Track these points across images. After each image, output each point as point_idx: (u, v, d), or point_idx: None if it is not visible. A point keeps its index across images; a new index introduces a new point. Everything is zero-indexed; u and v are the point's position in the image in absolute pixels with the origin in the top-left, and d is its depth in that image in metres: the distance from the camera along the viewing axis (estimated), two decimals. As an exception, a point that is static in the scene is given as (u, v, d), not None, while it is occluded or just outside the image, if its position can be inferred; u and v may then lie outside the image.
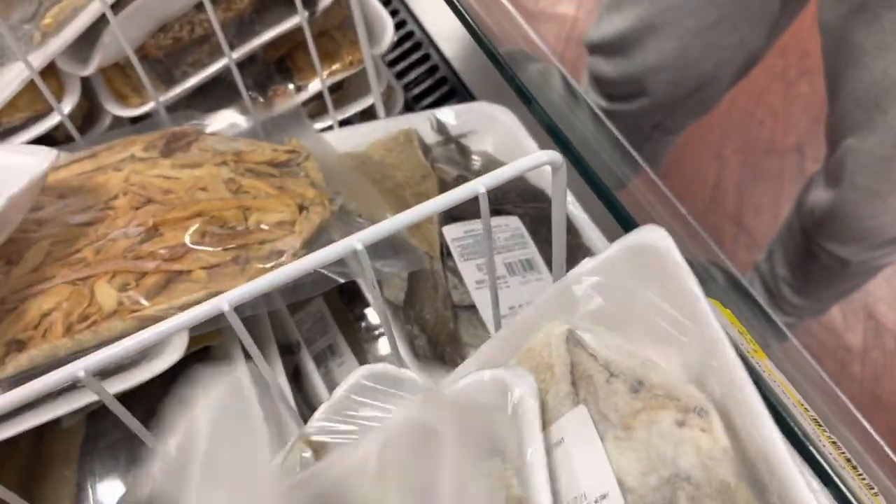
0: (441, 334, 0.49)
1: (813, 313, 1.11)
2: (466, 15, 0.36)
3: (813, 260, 0.92)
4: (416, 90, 0.70)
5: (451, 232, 0.52)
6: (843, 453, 0.26)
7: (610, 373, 0.29)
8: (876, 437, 0.44)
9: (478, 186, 0.30)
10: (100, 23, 0.48)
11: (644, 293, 0.29)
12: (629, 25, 0.82)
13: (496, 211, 0.55)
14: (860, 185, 0.77)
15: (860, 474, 0.25)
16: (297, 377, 0.51)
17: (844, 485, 0.23)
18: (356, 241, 0.30)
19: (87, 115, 0.54)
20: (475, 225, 0.52)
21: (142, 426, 0.31)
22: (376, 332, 0.55)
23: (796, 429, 0.25)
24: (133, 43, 0.50)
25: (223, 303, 0.28)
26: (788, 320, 1.09)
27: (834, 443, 0.26)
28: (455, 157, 0.61)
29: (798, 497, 0.23)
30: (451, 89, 0.70)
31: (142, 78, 0.49)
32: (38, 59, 0.46)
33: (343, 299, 0.56)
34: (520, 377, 0.26)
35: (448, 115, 0.63)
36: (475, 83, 0.69)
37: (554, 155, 0.30)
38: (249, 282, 0.29)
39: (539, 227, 0.55)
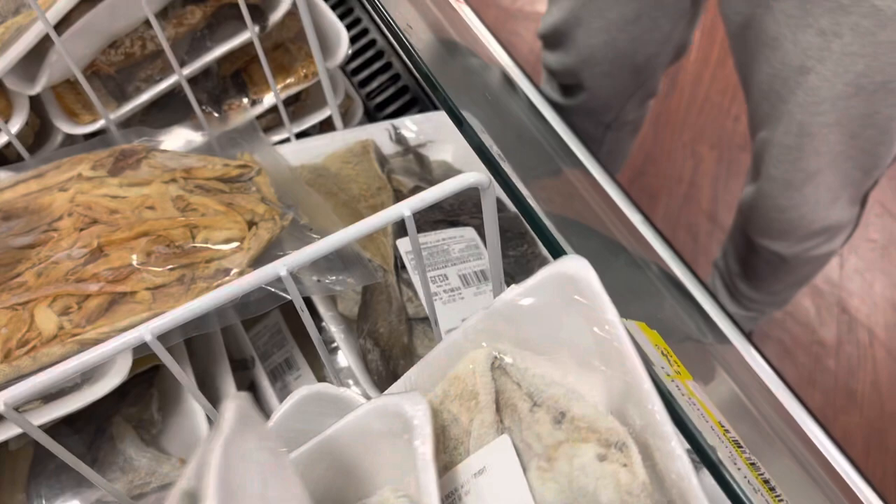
0: (395, 347, 0.49)
1: (772, 306, 1.13)
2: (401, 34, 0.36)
3: (755, 255, 0.94)
4: (379, 98, 0.70)
5: (405, 245, 0.52)
6: (761, 475, 0.26)
7: (534, 402, 0.29)
8: (828, 443, 0.44)
9: (403, 210, 0.30)
10: (46, 41, 0.47)
11: (568, 321, 0.29)
12: (562, 17, 0.86)
13: (452, 223, 0.55)
14: (775, 177, 0.78)
15: (777, 496, 0.26)
16: (252, 391, 0.51)
17: (754, 512, 0.23)
18: (281, 265, 0.30)
19: (39, 132, 0.53)
20: (429, 237, 0.52)
21: (67, 451, 0.31)
22: (333, 345, 0.55)
23: (711, 455, 0.25)
24: (82, 60, 0.50)
25: (145, 332, 0.28)
26: (750, 315, 1.10)
27: (752, 464, 0.26)
28: (413, 168, 0.61)
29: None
30: (414, 98, 0.70)
31: (90, 95, 0.48)
32: (-17, 78, 0.46)
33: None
34: (413, 403, 0.26)
35: (407, 125, 0.63)
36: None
37: (480, 177, 0.30)
38: (171, 311, 0.29)
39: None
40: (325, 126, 0.62)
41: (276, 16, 0.52)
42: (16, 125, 0.48)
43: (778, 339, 1.32)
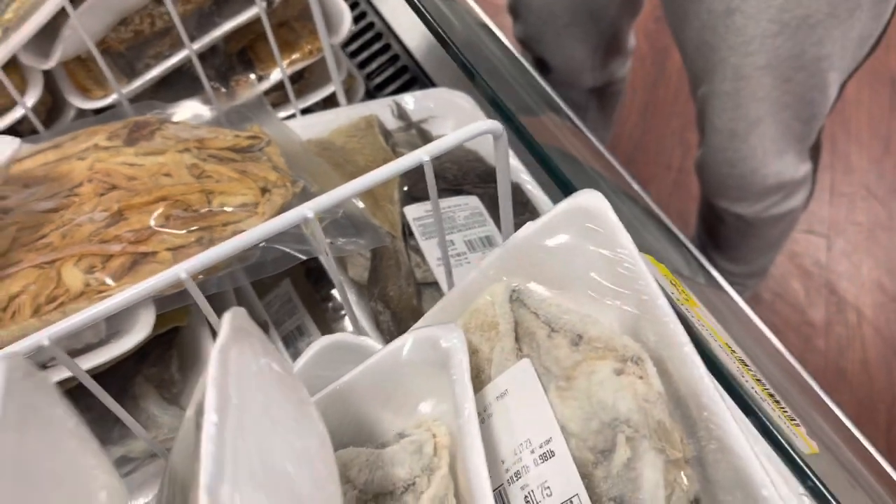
0: (405, 310, 0.51)
1: (752, 277, 1.15)
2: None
3: (721, 223, 0.97)
4: (378, 79, 0.72)
5: (412, 212, 0.53)
6: (766, 388, 0.28)
7: (551, 328, 0.30)
8: (803, 373, 0.46)
9: (422, 155, 0.32)
10: (60, 16, 0.49)
11: (582, 253, 0.31)
12: None
13: (456, 191, 0.57)
14: (719, 127, 0.81)
15: (782, 407, 0.27)
16: (266, 358, 0.53)
17: (763, 414, 0.25)
18: (307, 209, 0.31)
19: (51, 108, 0.55)
20: (435, 204, 0.54)
21: (102, 390, 0.32)
22: (343, 312, 0.57)
23: (720, 367, 0.27)
24: (94, 36, 0.51)
25: (180, 271, 0.30)
26: (735, 289, 1.13)
27: (758, 380, 0.28)
28: (416, 142, 0.62)
29: (722, 426, 0.25)
30: (413, 77, 0.72)
31: (103, 70, 0.50)
32: (0, 53, 0.47)
33: (310, 281, 0.58)
34: (449, 331, 0.28)
35: (408, 101, 0.64)
36: (435, 71, 0.71)
37: (494, 124, 0.32)
38: (203, 251, 0.30)
39: (497, 206, 0.56)
40: (328, 103, 0.63)
41: (282, -8, 0.54)
42: (31, 99, 0.50)
43: (768, 321, 1.34)
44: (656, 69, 1.60)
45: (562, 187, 0.32)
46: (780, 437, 0.25)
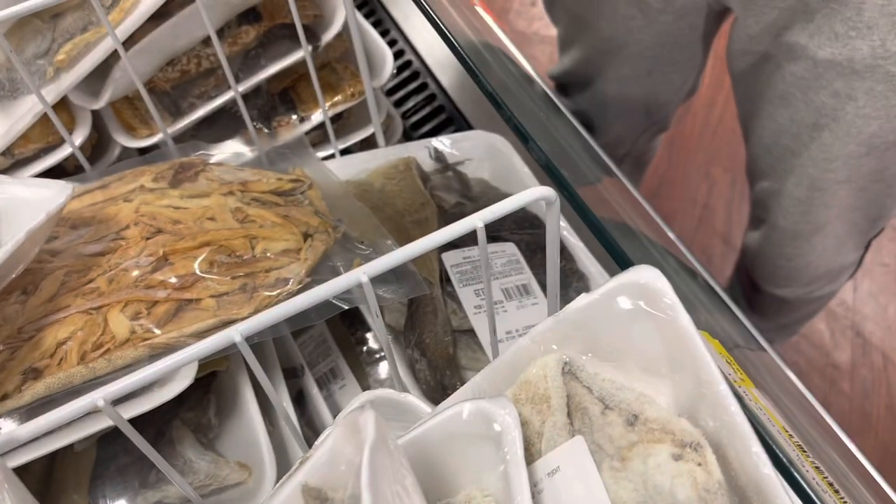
0: (441, 358, 0.51)
1: (782, 335, 1.14)
2: (465, 55, 0.38)
3: (760, 296, 0.96)
4: (415, 118, 0.72)
5: (450, 259, 0.53)
6: (826, 478, 0.27)
7: (605, 405, 0.30)
8: (858, 455, 0.45)
9: (476, 221, 0.32)
10: (111, 58, 0.49)
11: (638, 329, 0.30)
12: (575, 65, 0.89)
13: (493, 238, 0.57)
14: (784, 227, 0.80)
15: (842, 497, 0.27)
16: (299, 400, 0.52)
17: (824, 508, 0.25)
18: (362, 273, 0.31)
19: (96, 145, 0.55)
20: (473, 251, 0.54)
21: (153, 449, 0.32)
22: (377, 356, 0.57)
23: (782, 456, 0.26)
24: (143, 77, 0.52)
25: (235, 334, 0.30)
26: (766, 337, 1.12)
27: (817, 468, 0.28)
28: (453, 185, 0.63)
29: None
30: (449, 117, 0.72)
31: (151, 110, 0.50)
32: (52, 93, 0.48)
33: (344, 323, 0.58)
34: (502, 406, 0.28)
35: (445, 143, 0.64)
36: (471, 111, 0.71)
37: (548, 191, 0.31)
38: (259, 313, 0.30)
39: (534, 252, 0.56)
40: (366, 144, 0.64)
41: (328, 36, 0.54)
42: (79, 138, 0.50)
43: (793, 362, 1.33)
44: (682, 106, 1.60)
45: (617, 259, 0.31)
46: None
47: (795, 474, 0.26)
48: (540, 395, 0.31)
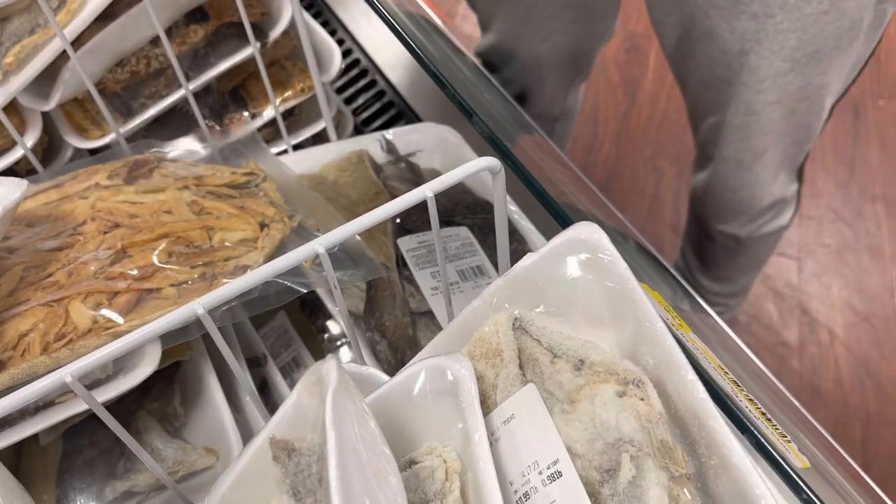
0: (401, 339, 0.52)
1: (734, 297, 1.19)
2: (405, 36, 0.40)
3: (712, 242, 1.01)
4: (365, 114, 0.74)
5: (406, 244, 0.55)
6: (759, 408, 0.30)
7: (554, 354, 0.32)
8: (785, 391, 0.48)
9: (426, 191, 0.34)
10: (59, 59, 0.50)
11: (582, 282, 0.32)
12: (501, 38, 0.93)
13: (447, 222, 0.58)
14: (727, 157, 0.84)
15: (774, 425, 0.29)
16: (263, 389, 0.53)
17: (759, 432, 0.26)
18: (318, 244, 0.33)
19: (48, 147, 0.55)
20: (427, 236, 0.56)
21: (121, 427, 0.33)
22: (339, 343, 0.58)
23: (716, 387, 0.28)
24: (92, 77, 0.52)
25: (197, 307, 0.31)
26: (717, 310, 1.16)
27: (751, 400, 0.30)
28: (406, 175, 0.64)
29: (724, 443, 0.27)
30: (398, 112, 0.74)
31: (102, 110, 0.51)
32: (1, 96, 0.48)
33: (305, 313, 0.59)
34: (457, 361, 0.29)
35: (396, 135, 0.66)
36: (421, 106, 0.73)
37: (492, 161, 0.33)
38: (220, 287, 0.31)
39: (487, 236, 0.58)
40: (318, 139, 0.65)
41: (275, 33, 0.55)
42: (31, 140, 0.51)
43: (744, 342, 1.38)
44: (627, 99, 1.64)
45: (559, 220, 0.33)
46: (774, 452, 0.27)
47: (729, 403, 0.28)
48: (493, 349, 0.33)
